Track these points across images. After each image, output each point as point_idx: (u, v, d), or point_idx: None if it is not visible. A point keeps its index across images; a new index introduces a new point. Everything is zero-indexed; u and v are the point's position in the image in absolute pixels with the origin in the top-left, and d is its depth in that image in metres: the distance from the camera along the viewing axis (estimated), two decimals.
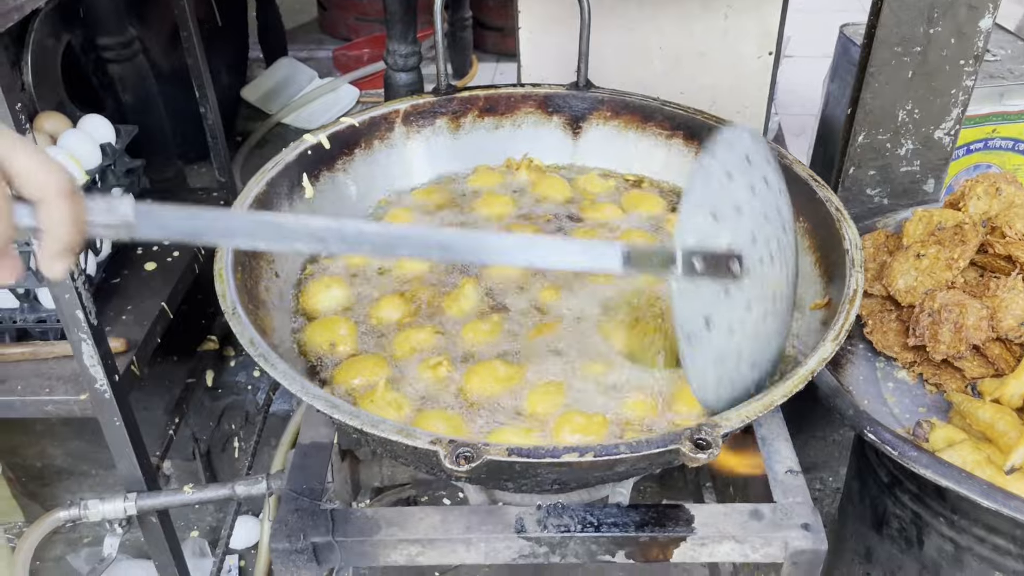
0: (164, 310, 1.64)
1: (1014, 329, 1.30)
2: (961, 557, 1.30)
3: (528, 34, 1.85)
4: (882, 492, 1.42)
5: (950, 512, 1.28)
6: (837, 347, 1.03)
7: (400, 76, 2.19)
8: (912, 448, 1.13)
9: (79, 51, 2.13)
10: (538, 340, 1.21)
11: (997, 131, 1.96)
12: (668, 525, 1.14)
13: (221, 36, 2.88)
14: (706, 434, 0.91)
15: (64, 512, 1.51)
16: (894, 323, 1.42)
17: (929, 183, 1.70)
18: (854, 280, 1.12)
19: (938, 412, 1.33)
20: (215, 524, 2.13)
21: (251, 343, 1.02)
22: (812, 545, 1.12)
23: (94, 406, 1.41)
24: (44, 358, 1.50)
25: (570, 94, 1.59)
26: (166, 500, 1.51)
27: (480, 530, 1.14)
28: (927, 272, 1.39)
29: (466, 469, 0.88)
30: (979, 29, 1.52)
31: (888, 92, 1.58)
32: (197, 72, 1.91)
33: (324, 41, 3.94)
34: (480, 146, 1.60)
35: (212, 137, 2.02)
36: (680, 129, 1.52)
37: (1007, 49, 2.05)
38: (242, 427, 2.09)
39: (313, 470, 1.23)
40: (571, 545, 1.14)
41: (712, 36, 1.80)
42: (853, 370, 1.42)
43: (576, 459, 0.89)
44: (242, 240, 0.88)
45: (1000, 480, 1.10)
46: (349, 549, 1.13)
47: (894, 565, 1.43)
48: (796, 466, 1.23)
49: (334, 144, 1.44)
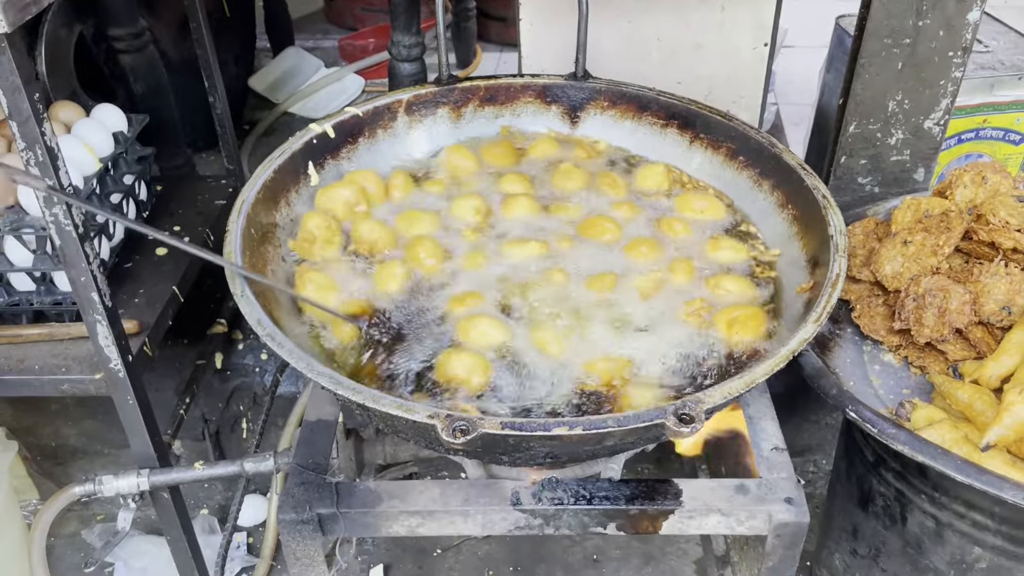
0: (175, 294, 1.70)
1: (996, 313, 1.35)
2: (942, 533, 1.35)
3: (529, 25, 1.89)
4: (868, 471, 1.47)
5: (931, 489, 1.33)
6: (818, 328, 1.08)
7: (404, 66, 2.23)
8: (891, 426, 1.18)
9: (91, 42, 2.18)
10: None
11: (988, 121, 1.99)
12: (657, 498, 1.19)
13: (229, 26, 2.93)
14: (690, 409, 0.96)
15: (80, 488, 1.56)
16: (881, 308, 1.47)
17: (919, 172, 1.74)
18: (837, 265, 1.17)
19: (922, 394, 1.38)
20: (224, 503, 2.19)
21: (259, 323, 1.07)
22: (795, 518, 1.18)
23: (108, 385, 1.46)
24: (60, 339, 1.55)
25: (568, 84, 1.63)
26: (177, 476, 1.56)
27: (478, 502, 1.19)
28: (913, 258, 1.43)
29: (462, 441, 0.93)
30: (967, 21, 1.56)
31: (878, 83, 1.62)
32: (206, 62, 1.96)
33: (330, 31, 3.98)
34: (481, 135, 1.65)
35: (221, 126, 2.06)
36: (675, 119, 1.56)
37: (999, 40, 2.08)
38: (250, 408, 2.14)
39: (319, 446, 1.28)
40: (564, 517, 1.19)
41: (708, 28, 1.83)
42: (841, 353, 1.46)
43: (566, 432, 0.94)
44: None
45: (976, 457, 1.15)
46: (352, 520, 1.19)
47: (879, 541, 1.48)
48: (781, 444, 1.28)
49: (339, 133, 1.49)
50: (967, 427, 1.22)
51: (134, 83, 2.16)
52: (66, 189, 1.23)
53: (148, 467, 1.56)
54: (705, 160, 1.52)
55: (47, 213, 1.24)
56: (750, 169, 1.46)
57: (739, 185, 1.47)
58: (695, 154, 1.54)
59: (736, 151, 1.48)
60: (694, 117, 1.54)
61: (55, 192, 1.17)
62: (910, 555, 1.42)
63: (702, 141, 1.53)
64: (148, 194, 1.87)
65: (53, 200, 1.22)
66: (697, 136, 1.54)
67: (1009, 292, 1.35)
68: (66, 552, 2.08)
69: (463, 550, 2.06)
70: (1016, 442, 1.16)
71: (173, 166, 2.25)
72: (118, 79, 2.21)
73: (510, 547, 2.05)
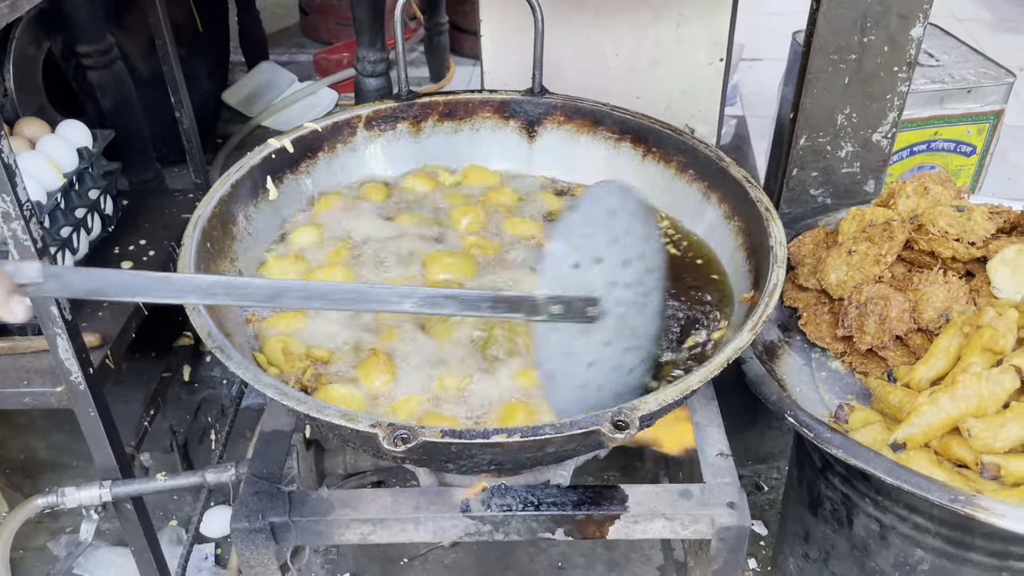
0: (139, 306, 1.72)
1: (934, 320, 1.39)
2: (886, 535, 1.39)
3: (490, 40, 1.93)
4: (816, 476, 1.50)
5: (874, 493, 1.37)
6: (753, 336, 1.11)
7: (369, 81, 2.27)
8: (827, 430, 1.21)
9: (60, 58, 2.20)
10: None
11: (939, 133, 2.05)
12: (603, 504, 1.22)
13: (202, 40, 2.95)
14: (625, 416, 0.99)
15: (42, 499, 1.57)
16: (827, 315, 1.51)
17: (870, 184, 1.79)
18: (775, 275, 1.20)
19: (865, 401, 1.41)
20: (193, 514, 2.20)
21: (209, 335, 1.10)
22: (737, 522, 1.21)
23: (70, 397, 1.48)
24: (22, 352, 1.57)
25: (525, 99, 1.66)
26: (139, 487, 1.58)
27: (428, 510, 1.22)
28: (857, 267, 1.47)
29: (403, 450, 0.95)
30: (911, 37, 1.60)
31: (826, 98, 1.66)
32: (172, 79, 1.98)
33: (305, 45, 4.01)
34: (440, 149, 1.68)
35: (188, 141, 2.09)
36: (628, 133, 1.60)
37: (950, 54, 2.13)
38: (218, 420, 2.16)
39: (273, 456, 1.31)
40: (513, 523, 1.22)
41: (665, 44, 1.88)
42: (789, 360, 1.50)
43: (504, 439, 0.97)
44: (137, 296, 0.95)
45: (904, 459, 1.18)
46: (305, 528, 1.21)
47: (828, 544, 1.52)
48: (726, 449, 1.31)
49: (298, 148, 1.52)
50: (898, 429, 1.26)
51: (103, 98, 2.18)
52: (24, 205, 1.25)
53: (111, 478, 1.58)
54: (657, 173, 1.56)
55: (5, 228, 1.26)
56: (699, 182, 1.49)
57: (689, 198, 1.51)
58: (648, 167, 1.57)
59: (686, 164, 1.51)
60: (647, 132, 1.58)
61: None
62: (857, 557, 1.45)
63: (654, 155, 1.57)
64: (114, 208, 1.89)
65: (11, 215, 1.24)
66: (649, 150, 1.57)
67: (947, 300, 1.39)
68: (35, 564, 2.08)
69: (430, 559, 2.07)
70: (940, 442, 1.19)
71: (142, 180, 2.27)
72: (87, 95, 2.23)
73: (476, 556, 2.07)
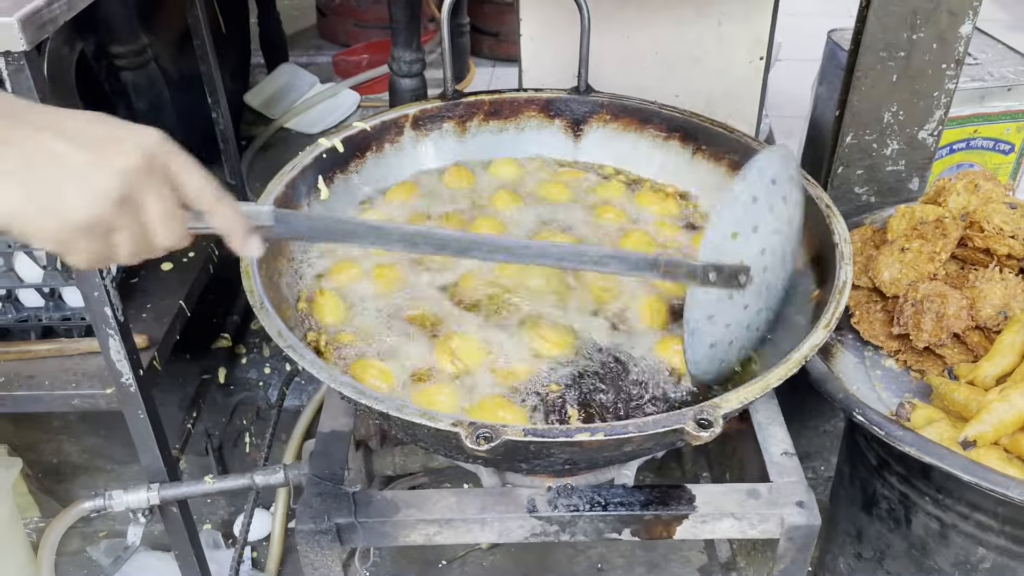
0: (182, 308, 1.71)
1: (992, 318, 1.38)
2: (946, 534, 1.38)
3: (529, 39, 1.92)
4: (871, 475, 1.49)
5: (935, 491, 1.36)
6: (828, 334, 1.10)
7: (405, 82, 2.26)
8: (898, 428, 1.21)
9: (92, 59, 2.19)
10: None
11: (979, 132, 2.04)
12: (671, 504, 1.21)
13: (225, 43, 2.94)
14: (708, 414, 0.98)
15: (89, 503, 1.56)
16: (880, 313, 1.50)
17: (914, 182, 1.78)
18: (843, 272, 1.20)
19: (922, 398, 1.41)
20: (227, 517, 2.19)
21: (279, 335, 1.09)
22: (807, 521, 1.20)
23: (120, 399, 1.47)
24: (70, 354, 1.56)
25: (571, 98, 1.66)
26: (188, 490, 1.57)
27: (494, 510, 1.21)
28: (910, 265, 1.47)
29: (486, 449, 0.94)
30: (960, 35, 1.60)
31: (874, 95, 1.66)
32: (209, 78, 1.97)
33: (323, 47, 4.00)
34: (486, 148, 1.67)
35: (223, 141, 2.08)
36: (677, 131, 1.59)
37: (988, 53, 2.13)
38: (253, 422, 2.15)
39: (334, 456, 1.30)
40: (580, 524, 1.21)
41: (705, 42, 1.87)
42: (843, 359, 1.49)
43: (588, 438, 0.96)
44: (350, 240, 1.00)
45: (974, 456, 1.18)
46: (371, 529, 1.20)
47: (883, 544, 1.51)
48: (791, 448, 1.30)
49: (347, 147, 1.51)
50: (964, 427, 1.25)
51: (135, 99, 2.17)
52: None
53: (158, 481, 1.57)
54: (707, 172, 1.56)
55: None
56: None
57: None
58: (698, 166, 1.57)
59: (739, 163, 1.51)
60: (695, 130, 1.57)
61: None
62: (915, 557, 1.45)
63: (704, 153, 1.56)
64: None
65: None
66: (699, 148, 1.57)
67: (1005, 297, 1.39)
68: (70, 570, 2.07)
69: (468, 561, 2.06)
70: (1011, 439, 1.19)
71: None
72: (119, 96, 2.22)
73: (515, 557, 2.06)
